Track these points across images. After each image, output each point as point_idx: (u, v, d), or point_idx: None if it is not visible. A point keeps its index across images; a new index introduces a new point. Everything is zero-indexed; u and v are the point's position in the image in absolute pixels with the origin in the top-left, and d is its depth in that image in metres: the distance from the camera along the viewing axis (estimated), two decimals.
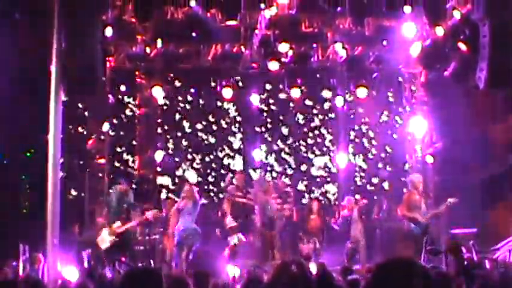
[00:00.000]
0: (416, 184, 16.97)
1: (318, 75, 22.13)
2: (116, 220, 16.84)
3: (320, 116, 22.93)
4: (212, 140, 22.58)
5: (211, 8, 18.73)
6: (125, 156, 21.96)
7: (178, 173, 22.18)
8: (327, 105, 22.78)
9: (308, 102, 22.75)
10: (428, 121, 20.48)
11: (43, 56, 14.65)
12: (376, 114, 22.80)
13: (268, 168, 22.63)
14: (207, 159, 22.54)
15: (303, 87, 21.52)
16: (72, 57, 14.21)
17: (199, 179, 21.49)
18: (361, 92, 20.96)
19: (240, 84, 21.92)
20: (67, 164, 18.87)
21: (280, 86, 22.20)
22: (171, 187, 21.89)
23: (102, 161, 20.17)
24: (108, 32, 17.56)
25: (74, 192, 20.41)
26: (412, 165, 21.69)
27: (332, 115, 22.81)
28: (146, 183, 21.79)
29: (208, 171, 22.50)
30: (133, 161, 21.94)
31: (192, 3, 18.08)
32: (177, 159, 22.35)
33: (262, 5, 18.06)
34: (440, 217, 17.45)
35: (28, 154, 19.90)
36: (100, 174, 20.09)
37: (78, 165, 20.23)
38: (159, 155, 21.67)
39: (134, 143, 22.16)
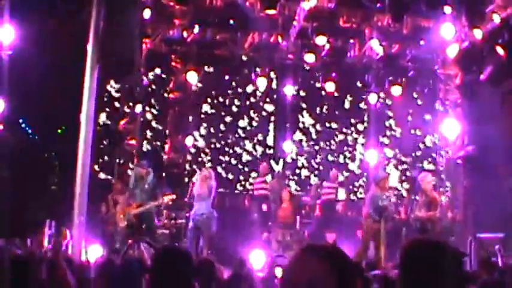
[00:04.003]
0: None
1: (353, 71, 22.10)
2: (133, 201, 16.89)
3: (353, 111, 22.89)
4: (244, 127, 22.56)
5: None
6: (155, 139, 22.03)
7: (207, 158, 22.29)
8: (360, 101, 22.75)
9: (342, 97, 22.69)
10: (461, 123, 20.31)
11: (80, 34, 14.72)
12: (409, 113, 22.75)
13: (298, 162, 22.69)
14: (237, 147, 22.58)
15: (337, 82, 21.47)
16: (109, 37, 14.27)
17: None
18: (396, 90, 20.94)
19: (275, 74, 21.89)
20: (97, 143, 18.97)
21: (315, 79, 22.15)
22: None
23: (133, 142, 20.19)
24: (146, 14, 17.60)
25: (102, 172, 20.55)
26: (443, 166, 21.63)
27: (365, 111, 22.77)
28: (175, 167, 21.86)
29: (238, 158, 22.55)
30: (163, 145, 22.00)
31: None
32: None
33: None
34: None
35: (59, 131, 20.02)
36: (130, 155, 20.13)
37: (109, 144, 20.30)
38: (189, 140, 21.74)
39: (166, 126, 22.20)
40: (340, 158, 22.98)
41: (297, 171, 22.71)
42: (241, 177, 22.49)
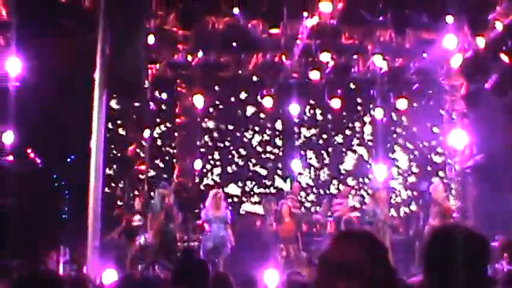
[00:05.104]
0: None
1: (358, 86, 22.19)
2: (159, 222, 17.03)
3: (359, 127, 22.94)
4: (251, 148, 22.62)
5: (253, 18, 18.74)
6: (164, 163, 22.10)
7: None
8: (366, 117, 22.80)
9: (348, 113, 22.74)
10: (468, 133, 20.32)
11: (87, 61, 14.81)
12: (415, 126, 22.76)
13: (305, 178, 22.69)
14: (246, 167, 22.62)
15: (342, 98, 21.54)
16: (115, 63, 14.35)
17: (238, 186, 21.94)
18: (401, 104, 20.97)
19: (281, 93, 21.96)
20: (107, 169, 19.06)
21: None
22: None
23: (142, 167, 20.28)
24: (151, 40, 17.69)
25: (113, 198, 20.59)
26: (452, 178, 21.65)
27: (371, 126, 22.81)
28: (185, 191, 21.88)
29: (247, 179, 22.60)
30: (172, 169, 22.05)
31: (235, 11, 18.12)
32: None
33: (305, 14, 18.01)
34: None
35: (69, 160, 20.08)
36: (140, 181, 20.21)
37: (119, 171, 20.40)
38: (198, 164, 21.80)
39: (173, 150, 22.28)
40: (348, 175, 22.99)
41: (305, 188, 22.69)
42: (251, 197, 22.53)
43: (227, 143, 22.80)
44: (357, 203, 21.47)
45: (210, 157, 22.69)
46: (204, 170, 22.51)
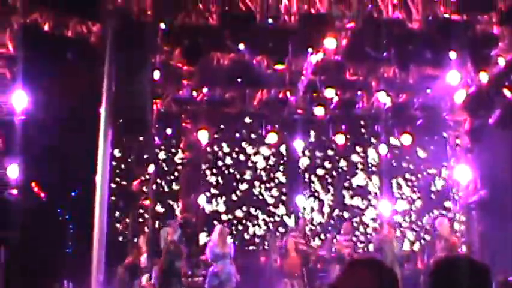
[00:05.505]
0: None
1: (362, 122, 22.26)
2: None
3: (364, 163, 22.98)
4: (256, 183, 22.67)
5: (258, 54, 18.81)
6: (168, 198, 22.14)
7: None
8: (371, 152, 22.85)
9: (352, 149, 22.81)
10: (473, 168, 20.34)
11: (93, 96, 14.86)
12: (420, 161, 22.80)
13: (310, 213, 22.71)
14: (249, 202, 22.67)
15: (347, 134, 21.62)
16: (121, 98, 14.41)
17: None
18: (406, 139, 21.01)
19: (285, 129, 22.03)
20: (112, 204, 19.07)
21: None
22: None
23: (147, 202, 20.31)
24: (156, 75, 17.76)
25: (117, 234, 20.59)
26: (457, 212, 21.64)
27: (375, 161, 22.86)
28: (189, 226, 21.88)
29: (251, 206, 22.69)
30: (176, 204, 22.06)
31: (240, 47, 18.21)
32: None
33: (310, 50, 18.05)
34: None
35: (73, 194, 20.10)
36: (145, 216, 20.25)
37: (123, 206, 20.41)
38: (202, 199, 21.84)
39: (178, 186, 22.33)
40: (353, 210, 23.00)
41: (310, 224, 22.68)
42: (256, 232, 22.53)
43: (231, 170, 22.87)
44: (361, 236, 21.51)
45: (214, 183, 22.75)
46: (208, 195, 22.51)
